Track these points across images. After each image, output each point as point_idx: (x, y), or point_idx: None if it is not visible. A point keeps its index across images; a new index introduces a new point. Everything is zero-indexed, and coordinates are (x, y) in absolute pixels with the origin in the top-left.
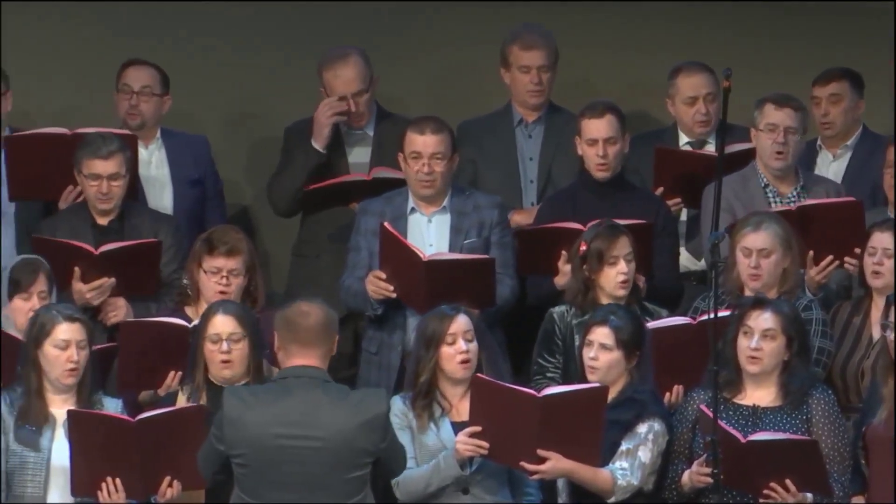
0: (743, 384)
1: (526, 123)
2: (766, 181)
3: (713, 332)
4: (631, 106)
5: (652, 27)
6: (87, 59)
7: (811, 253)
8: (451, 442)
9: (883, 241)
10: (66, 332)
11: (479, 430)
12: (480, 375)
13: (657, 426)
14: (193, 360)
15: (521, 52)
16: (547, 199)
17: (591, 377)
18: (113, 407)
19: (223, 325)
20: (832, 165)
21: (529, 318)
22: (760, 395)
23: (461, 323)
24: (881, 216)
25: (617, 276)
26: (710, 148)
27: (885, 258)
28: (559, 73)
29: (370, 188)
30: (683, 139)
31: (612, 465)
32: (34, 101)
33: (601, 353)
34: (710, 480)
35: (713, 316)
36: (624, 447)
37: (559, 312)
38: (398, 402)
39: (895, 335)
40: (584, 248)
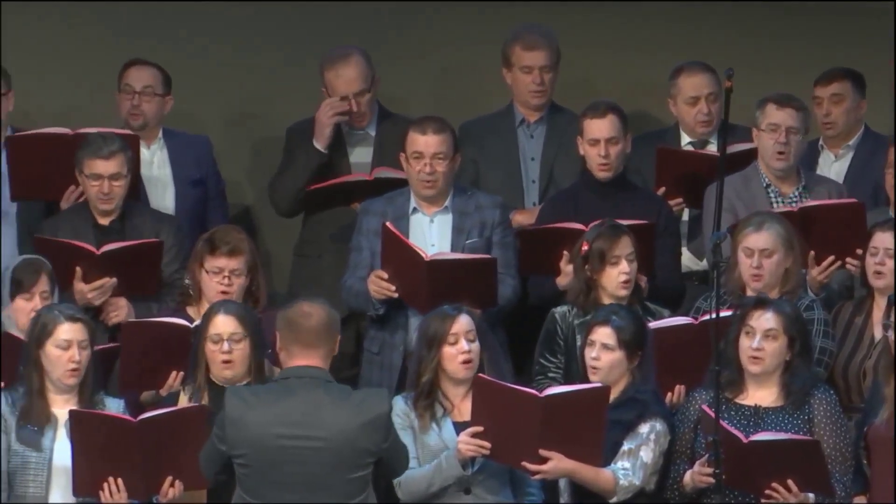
0: (745, 384)
1: (528, 123)
2: (767, 181)
3: (715, 332)
4: (632, 106)
5: (653, 27)
6: (87, 59)
7: (812, 253)
8: (452, 442)
9: (885, 241)
10: (67, 332)
11: (480, 430)
12: (482, 375)
13: (659, 426)
14: (195, 360)
15: (523, 52)
16: (549, 199)
17: (592, 377)
18: (115, 407)
19: (224, 325)
20: (834, 165)
21: (531, 318)
22: (762, 395)
23: (463, 323)
24: (883, 216)
25: (619, 276)
26: (711, 148)
27: (886, 258)
28: (560, 73)
29: (372, 188)
30: (685, 139)
31: (613, 465)
32: (34, 101)
33: (603, 353)
34: (711, 480)
35: (715, 316)
36: (626, 447)
37: (561, 312)
38: (400, 402)
39: None
40: (585, 248)
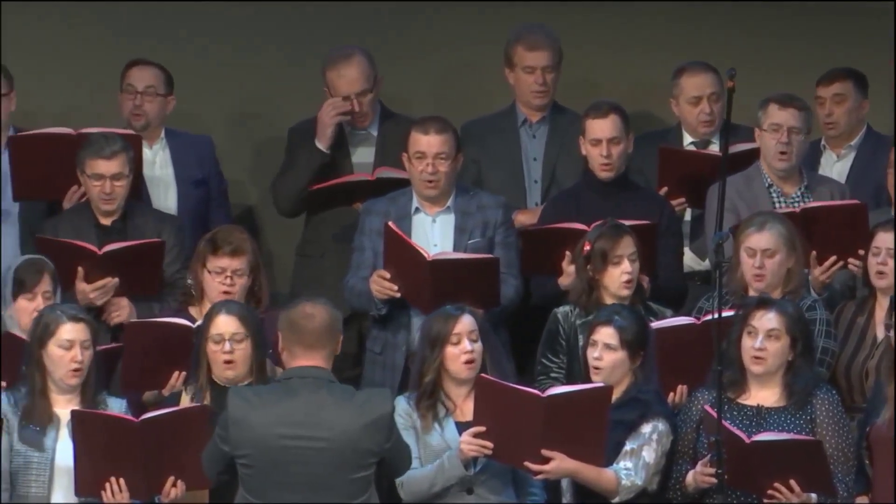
0: (747, 384)
1: (530, 123)
2: (770, 181)
3: (717, 332)
4: (635, 106)
5: (655, 27)
6: (87, 59)
7: (814, 253)
8: (455, 442)
9: (887, 241)
10: (70, 332)
11: (483, 430)
12: (484, 375)
13: (661, 426)
14: (196, 360)
15: (525, 52)
16: (551, 199)
17: (595, 377)
18: (117, 407)
19: (226, 325)
20: (836, 165)
21: (533, 318)
22: (764, 395)
23: (466, 323)
24: (885, 216)
25: (621, 275)
26: (714, 148)
27: (888, 258)
28: (562, 73)
29: (374, 188)
30: (687, 139)
31: (616, 465)
32: (34, 101)
33: (605, 353)
34: (714, 481)
35: (717, 316)
36: (628, 447)
37: (563, 312)
38: (402, 402)
39: None
40: (587, 248)
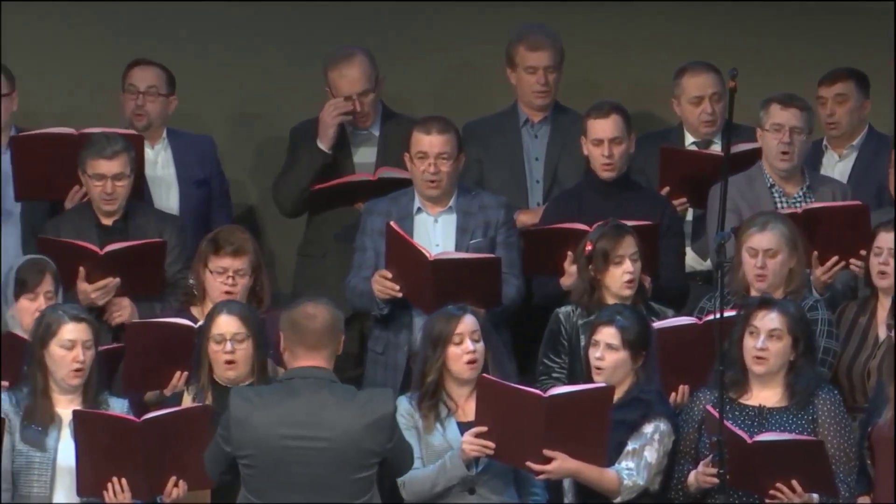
0: (749, 384)
1: (532, 123)
2: (771, 181)
3: (719, 332)
4: (636, 106)
5: (656, 27)
6: (88, 59)
7: (816, 253)
8: (457, 442)
9: (888, 241)
10: (72, 332)
11: (485, 430)
12: (486, 375)
13: (663, 426)
14: (198, 360)
15: (527, 52)
16: (552, 199)
17: (597, 377)
18: (119, 407)
19: (227, 325)
20: (838, 165)
21: (535, 318)
22: (766, 395)
23: (468, 323)
24: (887, 216)
25: (622, 275)
26: (715, 148)
27: (890, 258)
28: (564, 73)
29: (376, 188)
30: (689, 139)
31: (618, 465)
32: (34, 101)
33: (607, 353)
34: (715, 481)
35: (719, 316)
36: (630, 447)
37: (565, 312)
38: (404, 402)
39: None
40: (589, 248)
